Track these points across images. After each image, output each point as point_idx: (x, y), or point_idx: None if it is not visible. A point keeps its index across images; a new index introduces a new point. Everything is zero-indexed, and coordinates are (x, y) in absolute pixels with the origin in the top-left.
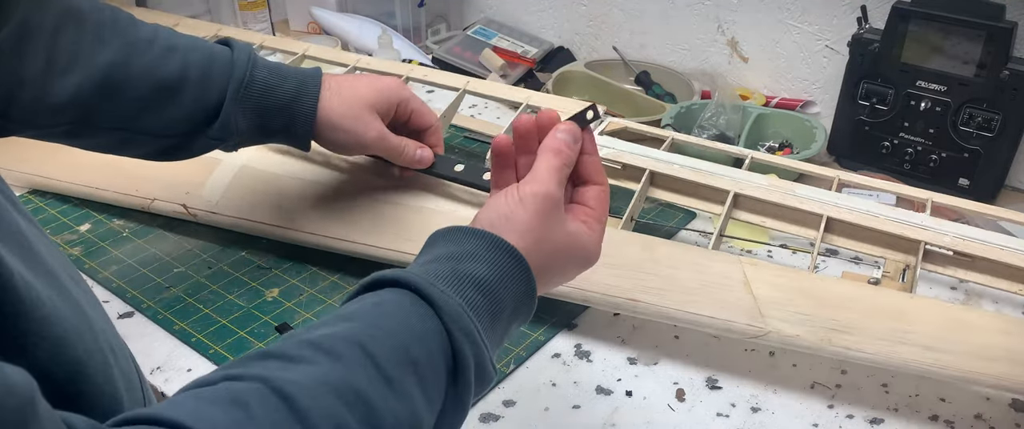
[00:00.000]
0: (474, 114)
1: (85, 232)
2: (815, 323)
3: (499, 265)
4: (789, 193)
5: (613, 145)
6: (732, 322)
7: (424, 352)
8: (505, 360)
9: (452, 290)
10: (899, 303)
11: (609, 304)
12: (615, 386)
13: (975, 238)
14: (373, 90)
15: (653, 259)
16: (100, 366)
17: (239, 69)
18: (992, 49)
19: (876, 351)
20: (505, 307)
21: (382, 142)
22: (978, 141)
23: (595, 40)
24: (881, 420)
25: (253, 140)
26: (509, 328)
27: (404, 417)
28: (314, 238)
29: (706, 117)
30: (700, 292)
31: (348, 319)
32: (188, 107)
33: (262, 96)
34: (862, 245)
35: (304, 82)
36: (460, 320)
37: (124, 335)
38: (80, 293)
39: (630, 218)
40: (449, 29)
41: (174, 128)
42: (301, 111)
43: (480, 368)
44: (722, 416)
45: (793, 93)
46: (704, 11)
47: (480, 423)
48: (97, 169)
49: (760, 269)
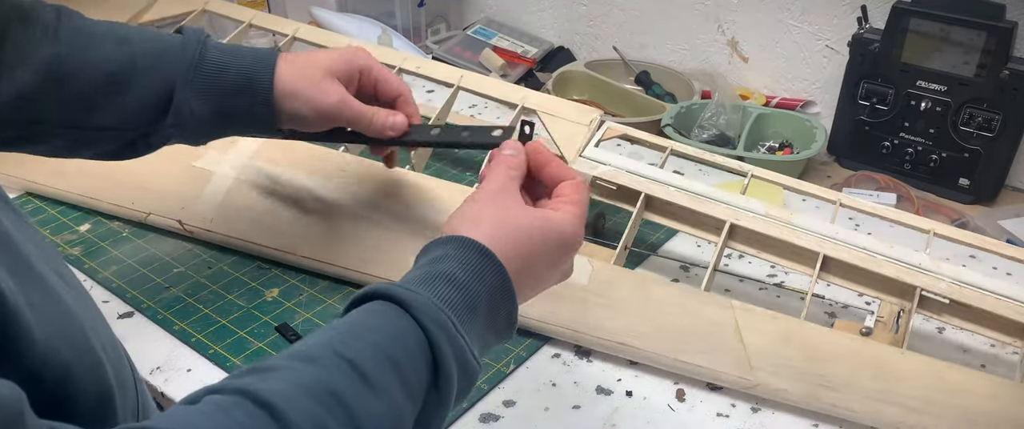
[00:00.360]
0: (474, 114)
1: (85, 232)
2: (803, 379)
3: (467, 261)
4: (786, 225)
5: (610, 162)
6: (722, 373)
7: (402, 350)
8: (505, 360)
9: (423, 289)
10: (889, 359)
11: (601, 346)
12: (615, 386)
13: (973, 284)
14: (331, 57)
15: (645, 301)
16: (90, 367)
17: (189, 51)
18: (992, 49)
19: (861, 410)
20: (480, 299)
21: (346, 108)
22: (978, 141)
23: (595, 40)
24: None
25: (215, 128)
26: (493, 321)
27: (385, 415)
28: (310, 263)
29: (706, 117)
30: (691, 339)
31: (325, 331)
32: (140, 96)
33: (215, 76)
34: (857, 286)
35: (259, 58)
36: (431, 312)
37: (124, 335)
38: (70, 293)
39: (624, 247)
40: (449, 29)
41: (129, 121)
42: (258, 86)
43: (461, 360)
44: (722, 416)
45: (793, 93)
46: (704, 11)
47: (480, 423)
48: (93, 178)
49: (751, 316)
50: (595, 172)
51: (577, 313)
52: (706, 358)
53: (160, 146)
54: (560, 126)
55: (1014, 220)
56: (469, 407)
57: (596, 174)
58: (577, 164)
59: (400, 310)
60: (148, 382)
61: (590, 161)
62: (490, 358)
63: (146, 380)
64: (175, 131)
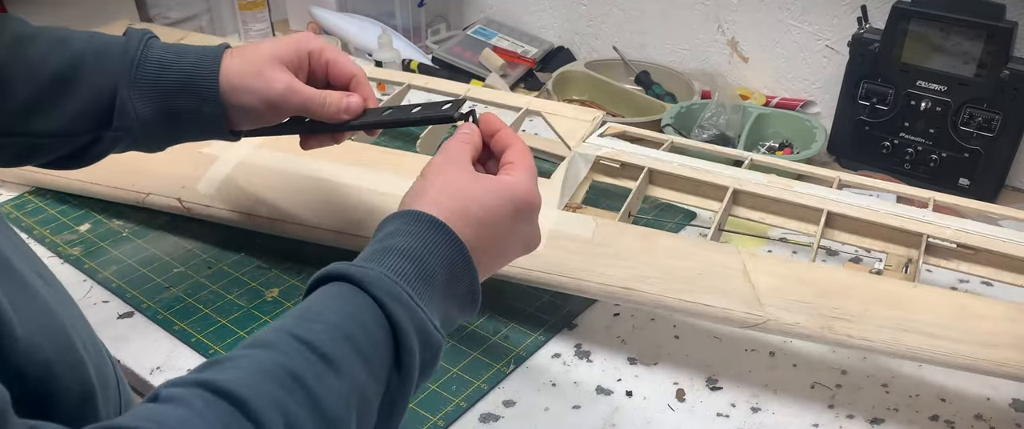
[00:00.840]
0: None
1: (85, 232)
2: (815, 311)
3: (418, 234)
4: (788, 189)
5: (612, 145)
6: (730, 310)
7: (358, 327)
8: (505, 360)
9: (374, 264)
10: (902, 291)
11: (604, 294)
12: (615, 386)
13: (978, 231)
14: (277, 44)
15: (650, 249)
16: (71, 364)
17: (131, 51)
18: (992, 49)
19: (878, 339)
20: (436, 270)
21: (294, 94)
22: (978, 141)
23: (595, 40)
24: (881, 420)
25: (164, 130)
26: (453, 292)
27: (347, 393)
28: (308, 231)
29: (706, 117)
30: (698, 281)
31: (281, 318)
32: (84, 98)
33: (158, 75)
34: (863, 239)
35: (203, 55)
36: (384, 284)
37: (124, 335)
38: (51, 293)
39: (627, 213)
40: (449, 29)
41: (75, 126)
42: (202, 84)
43: (422, 331)
44: (722, 416)
45: (793, 93)
46: (704, 11)
47: (480, 423)
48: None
49: (760, 259)
50: (599, 152)
51: (582, 263)
52: (714, 297)
53: (109, 152)
54: (562, 122)
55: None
56: (469, 407)
57: (599, 154)
58: (581, 149)
59: (354, 288)
60: (148, 382)
61: (593, 145)
62: (490, 358)
63: (146, 380)
64: (122, 134)
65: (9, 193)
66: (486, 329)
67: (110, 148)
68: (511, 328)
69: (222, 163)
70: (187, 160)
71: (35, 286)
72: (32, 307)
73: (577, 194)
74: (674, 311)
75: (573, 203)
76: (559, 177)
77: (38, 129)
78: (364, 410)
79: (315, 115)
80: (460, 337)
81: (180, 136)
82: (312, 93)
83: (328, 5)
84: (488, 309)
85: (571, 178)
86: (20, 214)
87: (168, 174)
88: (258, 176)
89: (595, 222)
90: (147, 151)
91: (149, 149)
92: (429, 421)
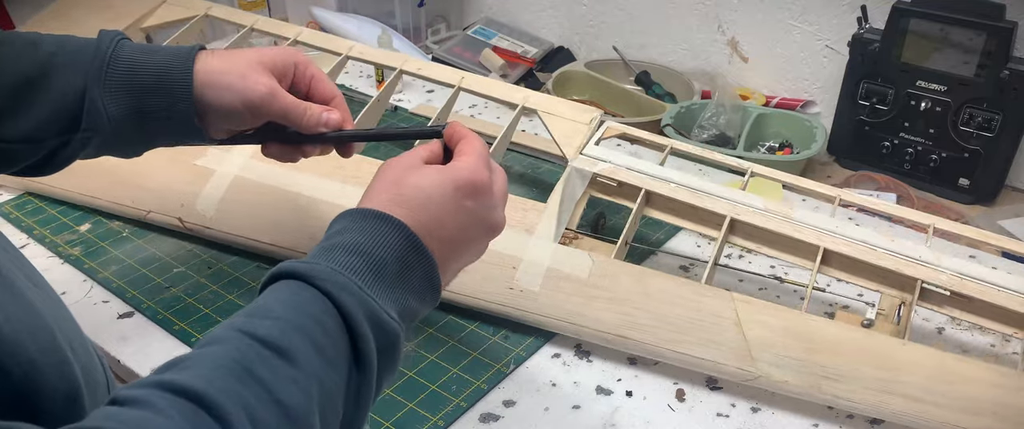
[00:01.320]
0: (474, 114)
1: (85, 232)
2: (805, 369)
3: (365, 229)
4: (786, 219)
5: (609, 158)
6: (722, 365)
7: (308, 318)
8: (505, 360)
9: (321, 260)
10: (890, 350)
11: (601, 339)
12: (615, 386)
13: (973, 276)
14: (262, 51)
15: (645, 293)
16: (56, 364)
17: (102, 51)
18: (992, 49)
19: (864, 401)
20: (385, 261)
21: (275, 100)
22: (978, 141)
23: (595, 40)
24: (881, 420)
25: (136, 132)
26: (408, 281)
27: (304, 382)
28: None
29: (706, 117)
30: (691, 330)
31: (230, 319)
32: (53, 101)
33: (129, 73)
34: (858, 279)
35: (175, 54)
36: (331, 277)
37: (124, 335)
38: (37, 293)
39: (624, 243)
40: (449, 29)
41: (45, 129)
42: (175, 82)
43: (374, 318)
44: (722, 416)
45: (793, 93)
46: (704, 11)
47: (480, 423)
48: (92, 177)
49: (752, 308)
50: (595, 169)
51: (577, 306)
52: (707, 350)
53: (77, 156)
54: (560, 124)
55: (1014, 220)
56: (469, 407)
57: (596, 171)
58: (577, 162)
59: (301, 283)
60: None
61: (590, 159)
62: (490, 358)
63: None
64: (91, 135)
65: (9, 193)
66: (486, 329)
67: (78, 151)
68: (511, 328)
69: (219, 177)
70: (184, 173)
71: (20, 286)
72: (16, 306)
73: (574, 216)
74: (668, 361)
75: (569, 232)
76: (555, 201)
77: (7, 135)
78: (326, 401)
79: (294, 123)
80: (460, 337)
81: (153, 138)
82: (294, 100)
83: (328, 5)
84: None
85: (568, 198)
86: (20, 214)
87: (166, 188)
88: (256, 193)
89: (591, 260)
90: (120, 155)
91: (122, 153)
92: (429, 421)
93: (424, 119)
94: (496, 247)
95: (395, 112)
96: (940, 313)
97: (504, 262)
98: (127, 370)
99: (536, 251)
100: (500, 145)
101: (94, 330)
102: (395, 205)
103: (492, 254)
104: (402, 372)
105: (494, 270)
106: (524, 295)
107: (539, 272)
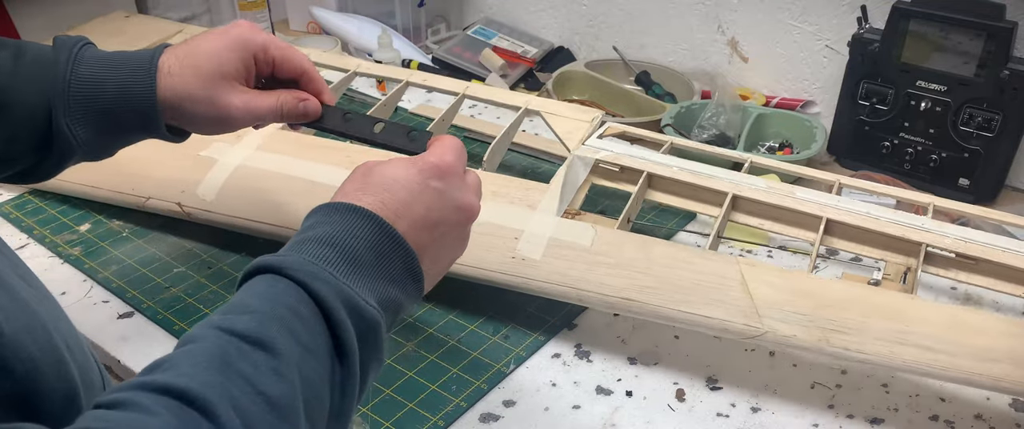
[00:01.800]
0: (474, 114)
1: (85, 232)
2: (813, 323)
3: (335, 221)
4: (788, 195)
5: (611, 148)
6: (728, 322)
7: (284, 308)
8: (505, 360)
9: (293, 253)
10: (899, 304)
11: (604, 304)
12: (615, 386)
13: (977, 240)
14: (219, 54)
15: (648, 258)
16: (54, 363)
17: (60, 70)
18: (992, 49)
19: (875, 352)
20: (358, 251)
21: (250, 113)
22: (978, 141)
23: (595, 40)
24: (881, 420)
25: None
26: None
27: (286, 373)
28: None
29: (706, 117)
30: (696, 292)
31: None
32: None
33: (91, 97)
34: (862, 247)
35: (135, 70)
36: (304, 267)
37: (124, 335)
38: (30, 293)
39: (626, 219)
40: (449, 29)
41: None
42: (139, 101)
43: (351, 304)
44: (722, 416)
45: (793, 93)
46: (704, 11)
47: (480, 423)
48: (93, 168)
49: (758, 269)
50: (598, 156)
51: (581, 272)
52: (713, 309)
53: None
54: (561, 123)
55: None
56: (469, 407)
57: (599, 157)
58: (579, 152)
59: (275, 276)
60: None
61: (592, 148)
62: (490, 358)
63: None
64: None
65: (9, 193)
66: (486, 329)
67: (57, 168)
68: (511, 328)
69: (221, 167)
70: (186, 163)
71: (15, 286)
72: (14, 305)
73: (576, 199)
74: (673, 321)
75: (572, 209)
76: (558, 182)
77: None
78: (310, 390)
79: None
80: (460, 337)
81: (128, 143)
82: (269, 105)
83: (328, 5)
84: (488, 309)
85: (570, 183)
86: (20, 214)
87: (168, 178)
88: (258, 180)
89: (594, 230)
90: (96, 160)
91: (108, 156)
92: (429, 421)
93: (425, 119)
94: (498, 221)
95: (396, 112)
96: (946, 277)
97: (506, 234)
98: (127, 370)
99: (538, 224)
100: (500, 145)
101: (94, 330)
102: (363, 193)
103: (494, 227)
104: (402, 372)
105: (496, 241)
106: (526, 263)
107: (541, 242)
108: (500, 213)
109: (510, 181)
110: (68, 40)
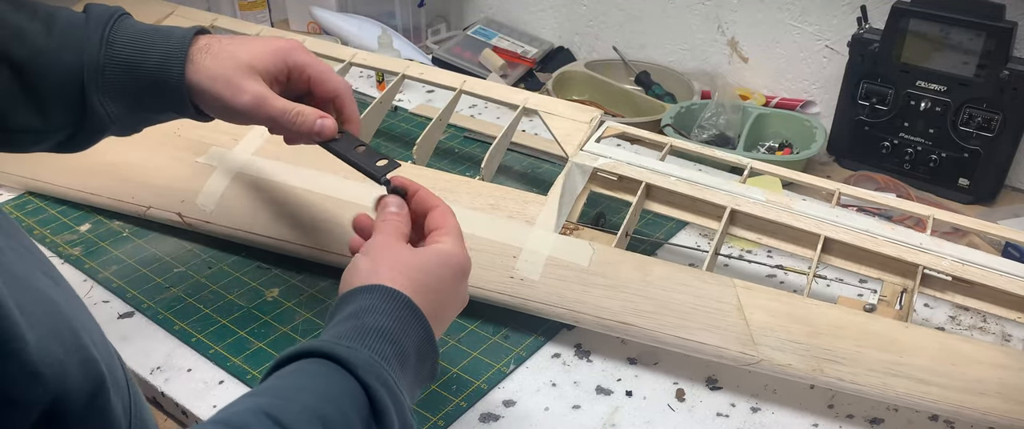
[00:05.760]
0: (474, 114)
1: (85, 232)
2: (808, 352)
3: (392, 313)
4: (786, 210)
5: (610, 154)
6: (724, 349)
7: (334, 409)
8: (505, 360)
9: (359, 345)
10: (893, 333)
11: (602, 327)
12: (615, 386)
13: (974, 262)
14: (255, 50)
15: (646, 280)
16: (82, 362)
17: (91, 52)
18: (992, 49)
19: (868, 383)
20: (409, 352)
21: (261, 109)
22: (978, 141)
23: (595, 40)
24: (881, 420)
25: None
26: (420, 373)
27: None
28: (309, 251)
29: (706, 117)
30: (693, 316)
31: (256, 395)
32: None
33: (125, 78)
34: (859, 267)
35: (168, 53)
36: (374, 369)
37: (124, 335)
38: (57, 291)
39: (625, 234)
40: (449, 29)
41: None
42: (169, 87)
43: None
44: (722, 416)
45: (793, 93)
46: (704, 11)
47: (480, 423)
48: (93, 174)
49: (754, 293)
50: (596, 164)
51: (578, 294)
52: (708, 335)
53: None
54: (560, 124)
55: (1014, 220)
56: (469, 407)
57: (597, 166)
58: (577, 158)
59: (340, 369)
60: (148, 382)
61: (590, 154)
62: (490, 358)
63: (146, 380)
64: (100, 130)
65: (9, 193)
66: (486, 329)
67: (90, 141)
68: (511, 328)
69: (220, 174)
70: (185, 171)
71: (42, 287)
72: (40, 309)
73: (574, 210)
74: (669, 346)
75: (570, 224)
76: (556, 193)
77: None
78: None
79: (284, 130)
80: (460, 337)
81: (159, 121)
82: (283, 108)
83: (328, 5)
84: (488, 309)
85: (568, 192)
86: (20, 214)
87: (166, 183)
88: (257, 190)
89: (592, 248)
90: (127, 136)
91: (130, 133)
92: (429, 421)
93: (424, 119)
94: (497, 238)
95: (395, 112)
96: (942, 299)
97: (505, 251)
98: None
99: (536, 241)
100: (497, 151)
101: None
102: (413, 291)
103: (493, 244)
104: None
105: (495, 259)
106: (524, 284)
107: (539, 261)
108: (499, 229)
109: (508, 192)
110: (102, 12)
